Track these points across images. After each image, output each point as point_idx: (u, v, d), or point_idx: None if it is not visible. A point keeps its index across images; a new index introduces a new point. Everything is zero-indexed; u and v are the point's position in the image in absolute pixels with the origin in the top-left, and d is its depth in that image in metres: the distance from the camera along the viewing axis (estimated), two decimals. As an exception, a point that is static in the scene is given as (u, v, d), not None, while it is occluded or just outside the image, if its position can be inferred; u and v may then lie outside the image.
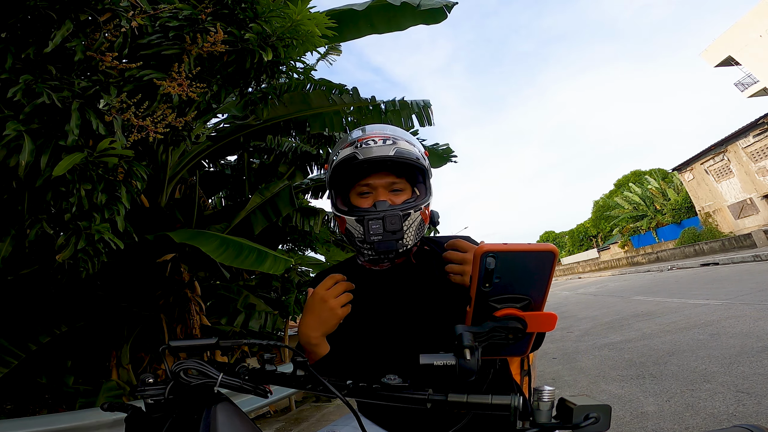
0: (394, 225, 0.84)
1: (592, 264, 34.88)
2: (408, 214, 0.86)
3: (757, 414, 2.15)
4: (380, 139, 0.90)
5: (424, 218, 0.91)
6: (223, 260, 2.42)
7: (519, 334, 0.51)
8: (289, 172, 4.87)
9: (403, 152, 0.88)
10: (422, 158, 0.92)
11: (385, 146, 0.88)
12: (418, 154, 0.91)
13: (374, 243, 0.85)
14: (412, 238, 0.88)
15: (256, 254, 2.46)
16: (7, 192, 1.88)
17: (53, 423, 2.14)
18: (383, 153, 0.87)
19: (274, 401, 4.12)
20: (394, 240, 0.84)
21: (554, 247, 0.48)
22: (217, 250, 2.45)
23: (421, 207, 0.89)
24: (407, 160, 0.88)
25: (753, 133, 20.40)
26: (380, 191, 0.90)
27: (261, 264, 2.42)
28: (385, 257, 0.89)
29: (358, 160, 0.87)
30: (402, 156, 0.87)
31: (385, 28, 3.57)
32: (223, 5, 2.10)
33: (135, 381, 3.31)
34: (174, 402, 0.61)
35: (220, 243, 2.52)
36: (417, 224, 0.88)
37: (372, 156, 0.86)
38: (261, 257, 2.45)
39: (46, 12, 1.64)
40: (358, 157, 0.87)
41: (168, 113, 1.92)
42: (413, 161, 0.89)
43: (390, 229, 0.84)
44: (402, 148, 0.88)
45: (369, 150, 0.87)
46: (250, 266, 2.41)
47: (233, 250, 2.48)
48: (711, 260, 14.29)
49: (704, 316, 4.91)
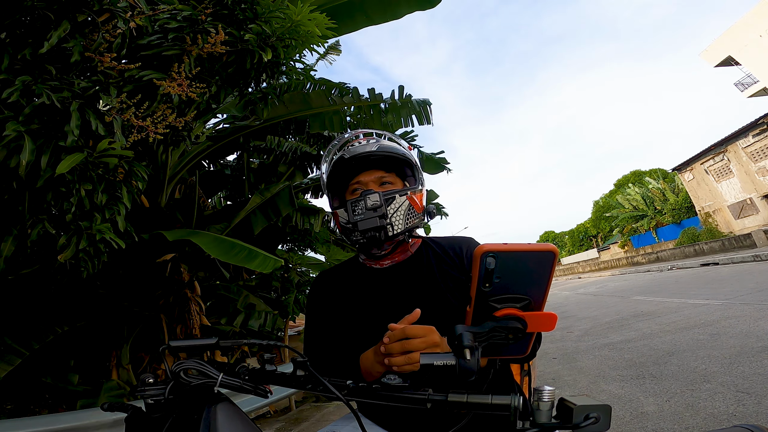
0: (374, 203, 0.88)
1: (592, 264, 34.87)
2: (392, 197, 0.91)
3: (757, 414, 2.15)
4: (364, 138, 0.99)
5: (413, 204, 0.93)
6: (215, 254, 2.48)
7: (519, 334, 0.51)
8: (289, 172, 4.87)
9: (385, 147, 0.94)
10: (407, 152, 0.98)
11: (369, 144, 0.95)
12: (403, 149, 0.97)
13: (357, 222, 0.89)
14: (401, 222, 0.90)
15: (247, 252, 2.55)
16: (8, 192, 1.88)
17: (53, 423, 2.14)
18: (367, 149, 0.93)
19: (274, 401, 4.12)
20: (376, 216, 0.88)
21: (554, 247, 0.48)
22: (210, 244, 2.54)
23: (407, 192, 0.93)
24: (391, 153, 0.94)
25: (753, 133, 20.40)
26: (370, 185, 0.95)
27: (250, 261, 2.50)
28: (372, 237, 0.90)
29: (345, 159, 0.94)
30: (385, 149, 0.94)
31: (380, 18, 3.54)
32: (223, 6, 2.10)
33: (135, 381, 3.31)
34: (174, 402, 0.62)
35: (213, 239, 2.61)
36: (404, 209, 0.91)
37: (356, 153, 0.93)
38: (251, 255, 2.54)
39: (44, 12, 1.64)
40: (345, 156, 0.94)
41: (168, 113, 1.92)
42: (398, 154, 0.95)
43: (371, 207, 0.88)
44: (384, 144, 0.96)
45: (354, 149, 0.95)
46: (240, 262, 2.50)
47: (226, 246, 2.58)
48: (711, 260, 14.28)
49: (704, 316, 4.91)
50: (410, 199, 0.93)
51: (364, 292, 0.95)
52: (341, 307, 0.96)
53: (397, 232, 0.90)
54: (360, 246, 0.94)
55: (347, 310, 0.95)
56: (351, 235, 0.92)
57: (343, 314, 0.95)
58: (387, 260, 0.97)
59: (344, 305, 0.96)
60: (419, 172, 1.00)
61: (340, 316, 0.95)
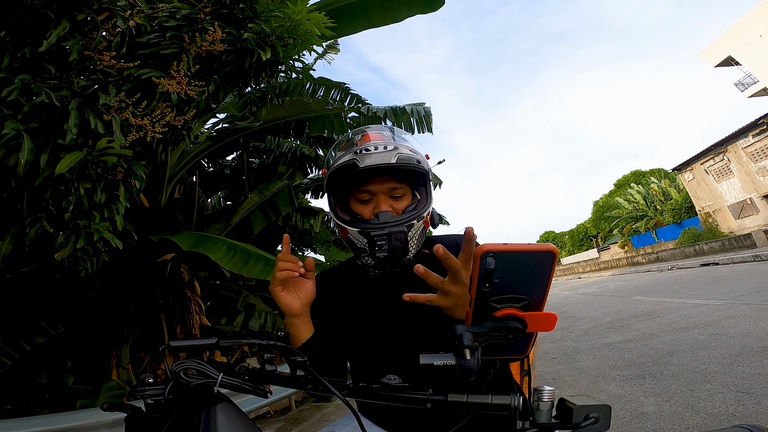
0: (399, 242, 0.83)
1: (592, 264, 34.90)
2: (411, 225, 0.85)
3: (757, 414, 2.15)
4: (381, 144, 0.87)
5: (426, 225, 0.91)
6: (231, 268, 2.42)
7: (519, 334, 0.51)
8: (289, 173, 4.87)
9: (404, 158, 0.85)
10: (423, 161, 0.90)
11: (387, 152, 0.85)
12: (420, 158, 0.89)
13: (380, 259, 0.84)
14: (415, 247, 0.88)
15: (264, 262, 2.48)
16: (7, 191, 1.88)
17: (53, 423, 2.14)
18: (385, 161, 0.84)
19: (274, 401, 4.12)
20: (399, 257, 0.84)
21: (554, 247, 0.48)
22: (225, 257, 2.47)
23: (423, 216, 0.88)
24: (409, 166, 0.86)
25: (753, 133, 20.42)
26: (381, 198, 0.89)
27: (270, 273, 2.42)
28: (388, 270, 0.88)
29: (359, 168, 0.84)
30: (403, 162, 0.85)
31: (381, 21, 3.54)
32: (222, 5, 2.09)
33: (135, 381, 3.31)
34: (174, 402, 0.61)
35: (227, 249, 2.53)
36: (419, 232, 0.88)
37: (373, 164, 0.84)
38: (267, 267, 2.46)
39: (44, 11, 1.64)
40: (358, 164, 0.84)
41: (167, 112, 1.92)
42: (415, 166, 0.87)
43: (396, 246, 0.83)
44: (403, 154, 0.86)
45: (369, 157, 0.84)
46: (257, 275, 2.42)
47: (241, 257, 2.49)
48: (711, 260, 14.30)
49: (704, 316, 4.91)
50: (425, 222, 0.89)
51: (363, 293, 0.95)
52: (340, 308, 0.96)
53: (411, 256, 0.88)
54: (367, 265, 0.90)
55: (346, 310, 0.95)
56: (362, 257, 0.88)
57: (341, 315, 0.95)
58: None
59: (343, 306, 0.95)
60: (430, 183, 0.96)
61: (339, 317, 0.95)
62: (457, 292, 0.66)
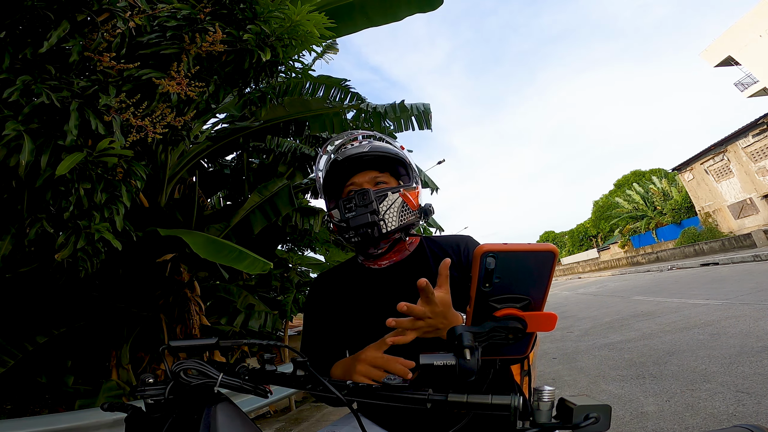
0: (365, 200, 0.88)
1: (592, 264, 34.89)
2: (384, 195, 0.91)
3: (757, 414, 2.15)
4: (356, 140, 0.99)
5: (408, 201, 0.93)
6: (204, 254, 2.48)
7: (519, 334, 0.51)
8: (289, 172, 4.86)
9: (377, 147, 0.95)
10: (400, 151, 0.98)
11: (361, 145, 0.96)
12: (395, 148, 0.97)
13: (349, 220, 0.89)
14: (395, 219, 0.90)
15: (237, 253, 2.55)
16: (7, 191, 1.88)
17: (53, 423, 2.13)
18: (359, 150, 0.94)
19: (274, 401, 4.12)
20: (367, 213, 0.88)
21: (554, 247, 0.48)
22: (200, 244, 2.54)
23: (399, 189, 0.93)
24: (383, 153, 0.94)
25: (753, 133, 20.41)
26: (364, 186, 0.95)
27: (239, 262, 2.51)
28: (365, 234, 0.89)
29: (339, 161, 0.94)
30: (377, 149, 0.94)
31: (381, 20, 3.54)
32: (222, 5, 2.10)
33: (135, 381, 3.31)
34: (174, 402, 0.61)
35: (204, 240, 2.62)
36: (398, 206, 0.91)
37: (349, 154, 0.93)
38: (241, 256, 2.55)
39: (44, 12, 1.64)
40: (338, 159, 0.94)
41: (167, 113, 1.92)
42: (390, 153, 0.95)
43: (362, 204, 0.88)
44: (376, 144, 0.96)
45: (346, 150, 0.95)
46: (229, 262, 2.52)
47: (216, 247, 2.58)
48: (711, 260, 14.29)
49: (704, 316, 4.91)
50: (404, 196, 0.93)
51: (362, 293, 0.95)
52: (340, 308, 0.96)
53: (391, 229, 0.89)
54: (356, 246, 0.94)
55: (346, 310, 0.95)
56: (345, 234, 0.92)
57: (341, 315, 0.95)
58: (385, 260, 0.96)
59: (343, 306, 0.96)
60: (413, 170, 1.01)
61: (339, 317, 0.95)
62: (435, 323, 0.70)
